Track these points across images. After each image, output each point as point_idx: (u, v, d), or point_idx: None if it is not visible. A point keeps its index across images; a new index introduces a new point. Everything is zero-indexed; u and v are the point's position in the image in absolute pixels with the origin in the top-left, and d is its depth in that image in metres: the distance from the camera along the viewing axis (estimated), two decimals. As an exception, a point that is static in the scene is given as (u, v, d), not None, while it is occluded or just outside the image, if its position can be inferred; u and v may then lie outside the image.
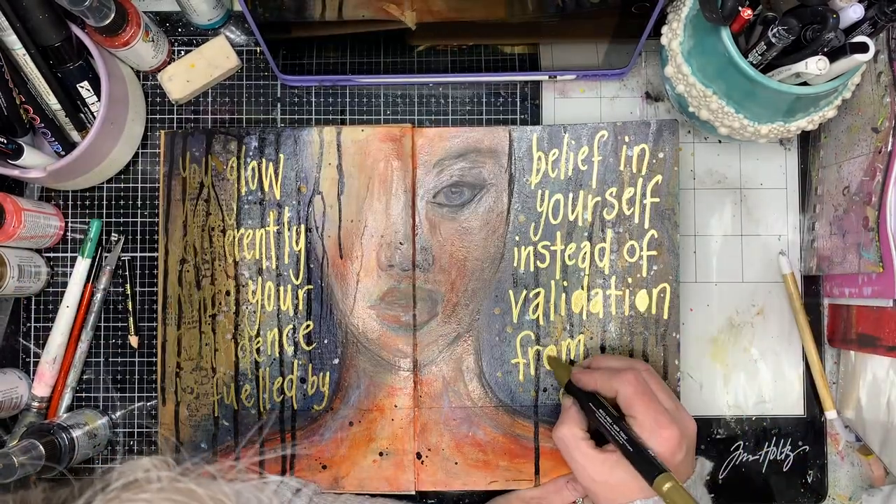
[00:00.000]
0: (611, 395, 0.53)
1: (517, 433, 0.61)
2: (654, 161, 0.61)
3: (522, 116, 0.64)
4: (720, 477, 0.63)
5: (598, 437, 0.53)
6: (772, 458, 0.63)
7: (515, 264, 0.61)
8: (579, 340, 0.61)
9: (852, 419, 0.60)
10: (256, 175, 0.62)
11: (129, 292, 0.63)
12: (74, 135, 0.60)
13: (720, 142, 0.64)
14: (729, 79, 0.51)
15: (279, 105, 0.64)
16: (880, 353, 0.56)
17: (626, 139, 0.61)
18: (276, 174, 0.62)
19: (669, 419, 0.50)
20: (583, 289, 0.61)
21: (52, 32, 0.54)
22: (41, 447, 0.54)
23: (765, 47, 0.48)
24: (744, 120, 0.54)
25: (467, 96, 0.64)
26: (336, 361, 0.61)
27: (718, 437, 0.63)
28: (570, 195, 0.62)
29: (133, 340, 0.63)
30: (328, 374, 0.61)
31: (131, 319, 0.63)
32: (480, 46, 0.60)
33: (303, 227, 0.61)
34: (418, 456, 0.60)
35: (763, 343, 0.63)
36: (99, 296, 0.62)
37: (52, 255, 0.63)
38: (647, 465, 0.48)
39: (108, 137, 0.58)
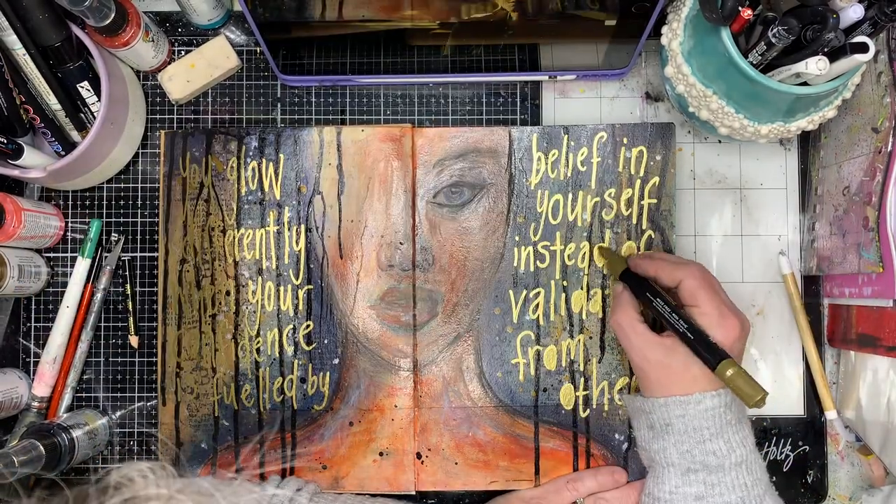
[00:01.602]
0: (671, 284, 0.53)
1: (517, 433, 0.61)
2: (652, 163, 0.61)
3: (522, 116, 0.64)
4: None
5: (653, 328, 0.54)
6: (772, 458, 0.63)
7: (515, 264, 0.61)
8: (579, 340, 0.61)
9: (852, 419, 0.60)
10: (256, 175, 0.62)
11: (129, 292, 0.63)
12: (74, 135, 0.60)
13: (720, 142, 0.64)
14: (729, 79, 0.51)
15: (279, 105, 0.64)
16: (880, 353, 0.56)
17: (625, 141, 0.61)
18: (276, 174, 0.62)
19: (733, 310, 0.51)
20: (582, 289, 0.61)
21: (52, 32, 0.54)
22: (41, 447, 0.54)
23: (765, 47, 0.48)
24: (744, 120, 0.54)
25: (467, 96, 0.64)
26: (336, 361, 0.61)
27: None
28: (570, 196, 0.62)
29: (133, 340, 0.63)
30: (328, 374, 0.61)
31: (131, 319, 0.63)
32: (480, 46, 0.60)
33: (303, 227, 0.61)
34: (418, 456, 0.60)
35: (763, 343, 0.63)
36: (99, 296, 0.62)
37: (52, 255, 0.63)
38: (710, 352, 0.48)
39: (108, 137, 0.58)
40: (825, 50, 0.47)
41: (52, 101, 0.58)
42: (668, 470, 0.52)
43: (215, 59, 0.63)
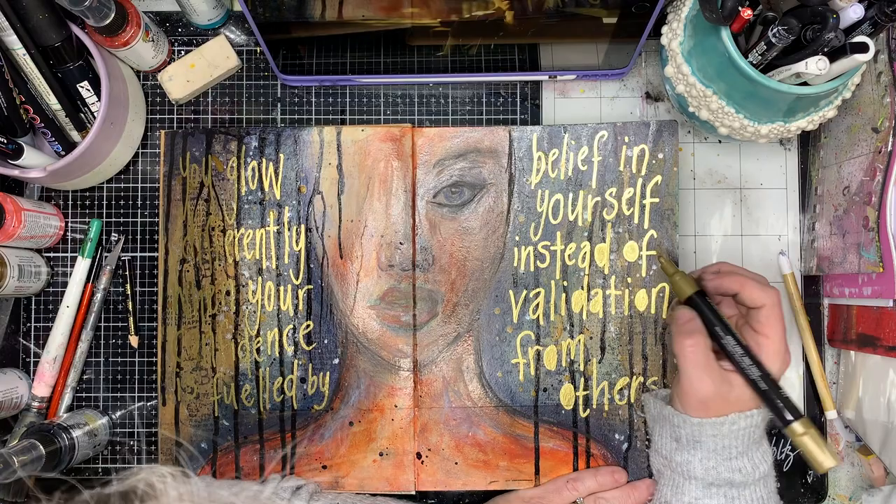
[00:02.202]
0: (752, 305, 0.51)
1: (517, 433, 0.61)
2: (654, 161, 0.61)
3: (522, 116, 0.64)
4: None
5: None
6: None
7: (515, 264, 0.61)
8: (579, 340, 0.61)
9: (852, 419, 0.60)
10: (256, 175, 0.62)
11: (129, 292, 0.63)
12: (74, 135, 0.60)
13: (720, 142, 0.64)
14: (729, 79, 0.51)
15: (279, 105, 0.64)
16: (880, 353, 0.56)
17: (626, 139, 0.61)
18: (277, 174, 0.62)
19: (788, 351, 0.51)
20: (583, 289, 0.61)
21: (52, 32, 0.54)
22: (41, 447, 0.54)
23: (765, 47, 0.48)
24: (744, 120, 0.54)
25: (467, 96, 0.64)
26: (336, 361, 0.61)
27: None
28: (570, 195, 0.62)
29: (133, 340, 0.63)
30: (328, 374, 0.61)
31: (131, 319, 0.63)
32: (480, 46, 0.60)
33: (303, 227, 0.61)
34: (418, 456, 0.60)
35: (763, 343, 0.63)
36: (99, 296, 0.62)
37: (52, 255, 0.63)
38: (782, 407, 0.48)
39: (108, 137, 0.58)
40: (825, 50, 0.47)
41: (52, 101, 0.58)
42: (689, 482, 0.52)
43: (215, 59, 0.63)
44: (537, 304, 0.61)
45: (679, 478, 0.53)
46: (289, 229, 0.62)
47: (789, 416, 0.48)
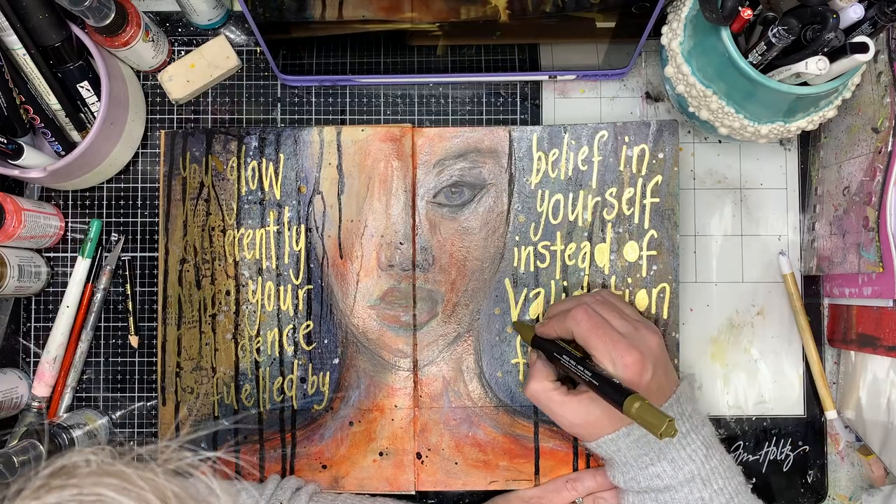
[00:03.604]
0: (570, 336, 0.53)
1: (517, 433, 0.61)
2: (654, 161, 0.61)
3: (522, 116, 0.64)
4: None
5: (572, 383, 0.54)
6: (772, 458, 0.63)
7: (515, 264, 0.61)
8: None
9: (852, 419, 0.60)
10: (256, 175, 0.62)
11: (129, 292, 0.63)
12: (74, 135, 0.60)
13: (720, 142, 0.64)
14: (729, 79, 0.51)
15: (279, 105, 0.64)
16: (880, 353, 0.56)
17: (626, 139, 0.61)
18: (277, 174, 0.62)
19: (626, 345, 0.50)
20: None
21: (52, 32, 0.54)
22: (41, 447, 0.54)
23: (765, 47, 0.48)
24: (744, 120, 0.54)
25: (467, 96, 0.64)
26: (336, 361, 0.61)
27: (718, 437, 0.63)
28: (570, 195, 0.62)
29: (133, 340, 0.63)
30: (328, 373, 0.61)
31: (131, 319, 0.63)
32: (480, 46, 0.60)
33: (303, 226, 0.61)
34: (418, 456, 0.60)
35: (763, 343, 0.63)
36: (99, 296, 0.62)
37: (52, 255, 0.63)
38: (614, 393, 0.47)
39: (108, 137, 0.58)
40: (825, 50, 0.47)
41: (52, 101, 0.57)
42: (625, 492, 0.54)
43: (215, 59, 0.63)
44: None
45: (620, 492, 0.55)
46: (289, 229, 0.62)
47: (619, 401, 0.47)
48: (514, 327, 0.61)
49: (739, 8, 0.47)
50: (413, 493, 0.61)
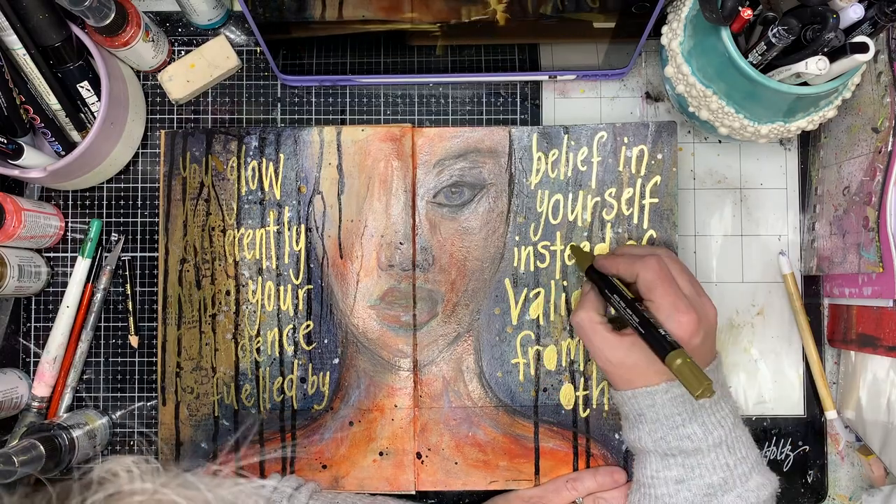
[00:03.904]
0: (632, 279, 0.53)
1: (517, 433, 0.61)
2: (653, 162, 0.61)
3: (522, 116, 0.64)
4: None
5: (619, 324, 0.54)
6: (772, 458, 0.63)
7: (515, 264, 0.61)
8: (579, 340, 0.61)
9: (852, 419, 0.60)
10: (256, 175, 0.62)
11: (129, 292, 0.63)
12: (74, 135, 0.60)
13: (720, 142, 0.64)
14: (729, 79, 0.51)
15: (279, 105, 0.64)
16: (880, 353, 0.56)
17: (626, 140, 0.61)
18: (277, 174, 0.62)
19: (687, 304, 0.50)
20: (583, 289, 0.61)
21: (52, 32, 0.54)
22: (41, 447, 0.54)
23: (765, 47, 0.48)
24: (744, 120, 0.54)
25: (467, 96, 0.64)
26: (336, 361, 0.61)
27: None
28: (570, 195, 0.62)
29: (133, 340, 0.63)
30: (328, 373, 0.61)
31: (131, 319, 0.63)
32: (480, 46, 0.60)
33: (303, 226, 0.61)
34: (418, 456, 0.60)
35: (763, 343, 0.63)
36: (99, 296, 0.62)
37: (52, 255, 0.63)
38: (659, 344, 0.48)
39: (108, 137, 0.58)
40: (825, 50, 0.47)
41: (52, 101, 0.58)
42: (647, 455, 0.53)
43: (215, 59, 0.63)
44: (537, 304, 0.61)
45: (640, 454, 0.54)
46: (289, 229, 0.62)
47: (663, 351, 0.47)
48: (571, 250, 0.60)
49: (739, 8, 0.47)
50: (413, 492, 0.61)
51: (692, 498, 0.51)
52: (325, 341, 0.61)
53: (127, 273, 0.63)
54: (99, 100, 0.57)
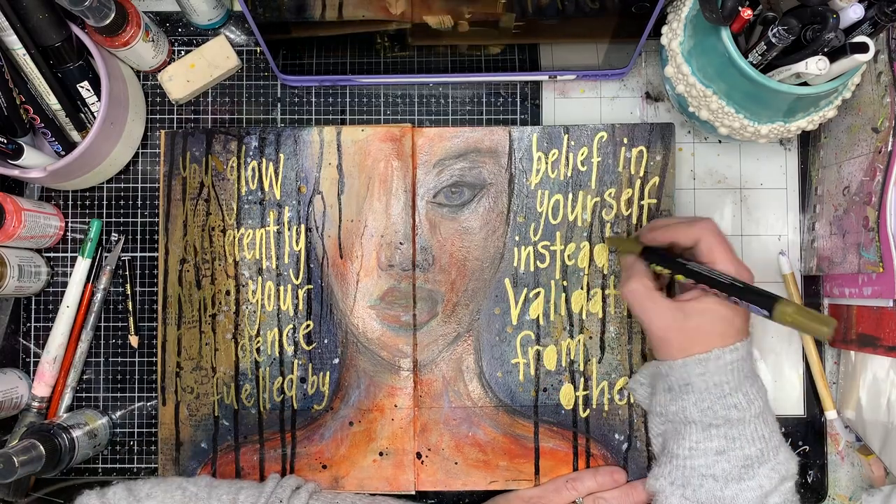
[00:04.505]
0: (689, 243, 0.53)
1: (517, 433, 0.61)
2: (652, 163, 0.61)
3: (522, 116, 0.64)
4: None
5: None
6: (772, 458, 0.63)
7: (515, 264, 0.61)
8: (579, 340, 0.61)
9: (852, 419, 0.60)
10: (256, 175, 0.62)
11: (129, 292, 0.63)
12: (74, 135, 0.60)
13: (720, 142, 0.64)
14: (729, 79, 0.51)
15: (279, 105, 0.64)
16: (880, 353, 0.56)
17: (625, 141, 0.61)
18: (277, 174, 0.62)
19: (745, 265, 0.51)
20: (582, 289, 0.61)
21: (52, 32, 0.54)
22: (41, 447, 0.54)
23: (765, 47, 0.48)
24: (744, 120, 0.54)
25: (467, 96, 0.64)
26: (336, 361, 0.61)
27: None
28: (570, 195, 0.62)
29: (133, 340, 0.63)
30: (328, 373, 0.61)
31: (131, 319, 0.63)
32: (480, 46, 0.60)
33: (303, 226, 0.61)
34: (418, 456, 0.60)
35: (763, 343, 0.63)
36: (99, 296, 0.62)
37: (52, 255, 0.63)
38: (762, 297, 0.48)
39: (108, 137, 0.58)
40: (825, 50, 0.47)
41: (52, 101, 0.58)
42: (688, 427, 0.52)
43: (215, 59, 0.63)
44: (537, 304, 0.61)
45: (679, 426, 0.53)
46: (289, 229, 0.62)
47: (768, 305, 0.47)
48: (610, 243, 0.60)
49: (739, 8, 0.47)
50: (413, 492, 0.61)
51: (729, 469, 0.51)
52: (325, 341, 0.61)
53: (127, 273, 0.63)
54: (99, 100, 0.57)
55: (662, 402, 0.54)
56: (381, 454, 0.60)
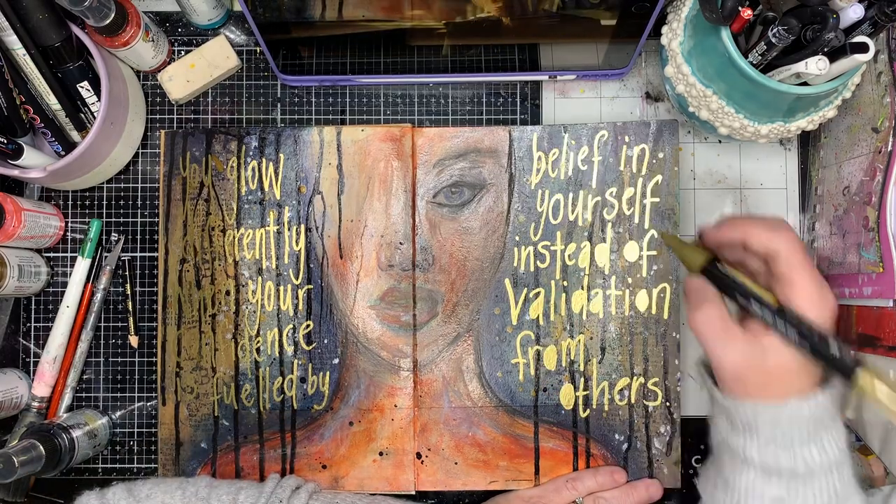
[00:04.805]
0: (763, 252, 0.45)
1: (517, 433, 0.61)
2: (654, 161, 0.61)
3: (522, 116, 0.64)
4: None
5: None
6: (772, 458, 0.63)
7: (515, 264, 0.61)
8: (579, 340, 0.61)
9: (852, 419, 0.60)
10: (256, 175, 0.62)
11: (129, 292, 0.63)
12: (74, 135, 0.60)
13: (720, 142, 0.64)
14: (729, 79, 0.51)
15: (279, 105, 0.64)
16: (880, 353, 0.56)
17: (626, 139, 0.61)
18: (276, 174, 0.62)
19: (827, 286, 0.43)
20: (583, 289, 0.61)
21: (52, 32, 0.54)
22: (41, 447, 0.54)
23: (765, 47, 0.48)
24: (744, 120, 0.54)
25: (467, 96, 0.64)
26: (336, 361, 0.61)
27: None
28: (570, 195, 0.62)
29: (133, 340, 0.63)
30: (328, 373, 0.61)
31: (131, 319, 0.63)
32: (480, 46, 0.60)
33: (303, 226, 0.61)
34: (418, 456, 0.60)
35: (763, 343, 0.63)
36: (99, 296, 0.62)
37: (52, 255, 0.63)
38: (837, 364, 0.41)
39: (108, 137, 0.58)
40: (825, 50, 0.47)
41: (52, 101, 0.58)
42: (747, 465, 0.46)
43: (215, 59, 0.63)
44: (537, 304, 0.61)
45: (737, 459, 0.47)
46: (289, 229, 0.62)
47: (849, 372, 0.41)
48: (666, 242, 0.53)
49: (739, 8, 0.47)
50: (413, 492, 0.61)
51: None
52: (325, 341, 0.61)
53: (127, 273, 0.63)
54: (99, 100, 0.57)
55: (723, 427, 0.48)
56: (381, 454, 0.60)
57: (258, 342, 0.61)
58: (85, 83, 0.57)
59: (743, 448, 0.46)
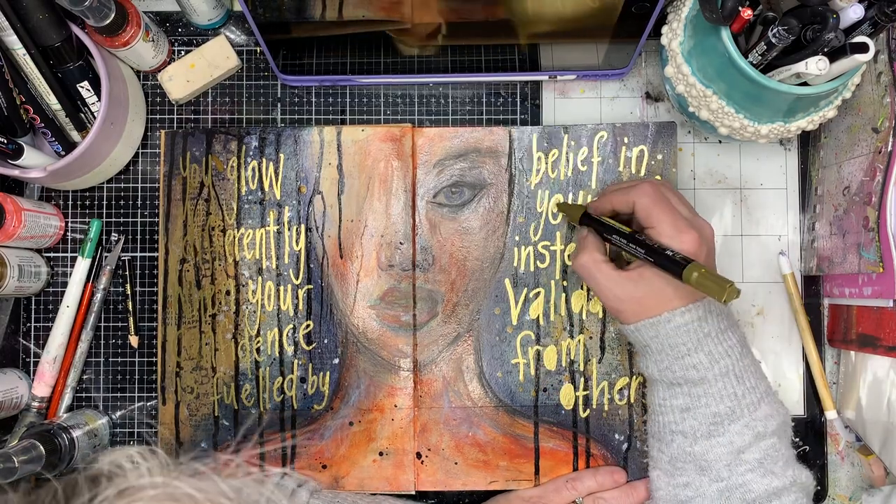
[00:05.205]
0: (629, 209, 0.53)
1: (517, 433, 0.61)
2: (653, 162, 0.61)
3: (522, 116, 0.64)
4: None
5: (618, 264, 0.54)
6: (772, 458, 0.63)
7: (515, 264, 0.61)
8: (579, 340, 0.61)
9: (852, 419, 0.60)
10: (256, 175, 0.62)
11: (129, 292, 0.63)
12: (74, 135, 0.60)
13: (720, 142, 0.64)
14: (729, 79, 0.51)
15: (279, 105, 0.64)
16: (880, 353, 0.56)
17: (626, 140, 0.61)
18: (277, 174, 0.62)
19: (687, 224, 0.50)
20: (582, 288, 0.61)
21: (52, 32, 0.54)
22: (41, 447, 0.54)
23: (765, 47, 0.48)
24: (744, 120, 0.54)
25: (467, 96, 0.64)
26: (336, 361, 0.61)
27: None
28: (570, 195, 0.62)
29: (133, 340, 0.63)
30: (328, 373, 0.61)
31: (131, 319, 0.63)
32: (480, 46, 0.60)
33: (303, 226, 0.61)
34: (418, 456, 0.60)
35: (763, 343, 0.63)
36: (99, 296, 0.62)
37: (52, 255, 0.63)
38: (672, 263, 0.48)
39: (108, 137, 0.58)
40: (825, 50, 0.47)
41: (52, 101, 0.58)
42: (654, 384, 0.54)
43: (215, 59, 0.63)
44: (537, 304, 0.61)
45: (649, 381, 0.55)
46: (289, 229, 0.62)
47: (678, 269, 0.47)
48: (560, 209, 0.60)
49: (739, 8, 0.47)
50: (413, 492, 0.61)
51: (697, 426, 0.51)
52: (325, 341, 0.61)
53: (127, 273, 0.63)
54: (99, 100, 0.57)
55: (637, 357, 0.56)
56: (381, 454, 0.60)
57: (258, 342, 0.61)
58: (85, 83, 0.57)
59: (646, 367, 0.54)
